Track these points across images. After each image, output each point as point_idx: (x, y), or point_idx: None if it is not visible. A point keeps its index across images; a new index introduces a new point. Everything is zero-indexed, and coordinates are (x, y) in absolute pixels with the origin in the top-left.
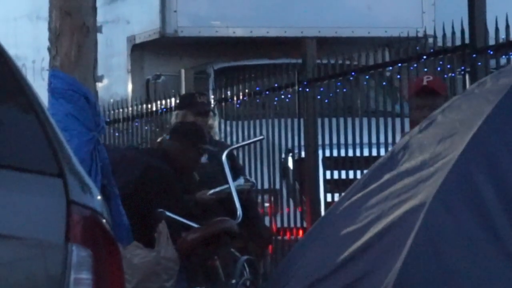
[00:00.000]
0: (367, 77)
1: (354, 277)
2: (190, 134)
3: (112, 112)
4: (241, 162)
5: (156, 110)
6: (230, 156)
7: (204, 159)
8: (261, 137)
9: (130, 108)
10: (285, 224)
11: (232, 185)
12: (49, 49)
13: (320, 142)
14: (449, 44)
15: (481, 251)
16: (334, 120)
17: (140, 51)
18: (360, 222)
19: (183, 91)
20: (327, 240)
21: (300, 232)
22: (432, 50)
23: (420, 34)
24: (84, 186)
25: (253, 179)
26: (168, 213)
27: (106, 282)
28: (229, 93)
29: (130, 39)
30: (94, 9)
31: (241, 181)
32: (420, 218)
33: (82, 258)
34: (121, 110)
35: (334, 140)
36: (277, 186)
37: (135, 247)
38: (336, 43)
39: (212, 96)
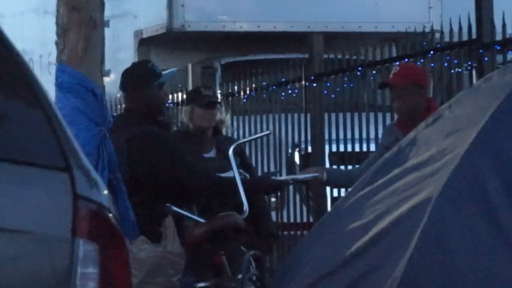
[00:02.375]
0: (374, 72)
1: (360, 272)
2: (137, 76)
3: (119, 106)
4: (248, 157)
5: None
6: (239, 152)
7: (212, 153)
8: (268, 132)
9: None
10: (291, 219)
11: (239, 180)
12: (56, 44)
13: (326, 137)
14: (456, 39)
15: (487, 246)
16: (340, 115)
17: (147, 45)
18: (367, 217)
19: (190, 86)
20: (333, 235)
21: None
22: (439, 45)
23: (427, 29)
24: (90, 180)
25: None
26: (174, 208)
27: (112, 277)
28: (236, 87)
29: (137, 33)
30: (102, 3)
31: (230, 173)
32: (426, 214)
33: (88, 252)
34: None
35: (341, 135)
36: None
37: (142, 242)
38: (343, 38)
39: (219, 91)
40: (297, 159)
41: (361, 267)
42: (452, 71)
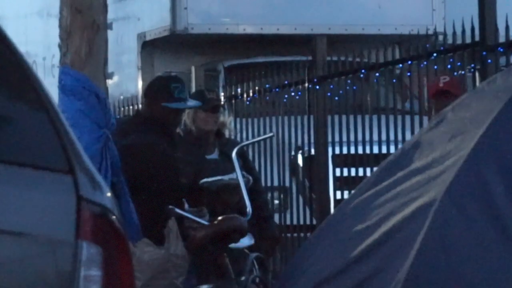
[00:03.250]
0: (377, 74)
1: (364, 275)
2: (156, 90)
3: (122, 109)
4: (250, 159)
5: None
6: (241, 155)
7: (215, 155)
8: (271, 134)
9: (140, 105)
10: (295, 222)
11: (242, 182)
12: (60, 46)
13: (329, 139)
14: (459, 41)
15: (491, 249)
16: (344, 118)
17: (150, 48)
18: (370, 220)
19: (193, 89)
20: (337, 238)
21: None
22: (442, 48)
23: (430, 32)
24: (94, 183)
25: (249, 175)
26: (178, 210)
27: (116, 279)
28: (239, 90)
29: (140, 36)
30: (105, 6)
31: (233, 175)
32: (430, 216)
33: (92, 255)
34: (131, 107)
35: (344, 138)
36: (287, 184)
37: (145, 244)
38: (346, 40)
39: (222, 94)
40: (300, 161)
41: (365, 269)
42: (456, 73)
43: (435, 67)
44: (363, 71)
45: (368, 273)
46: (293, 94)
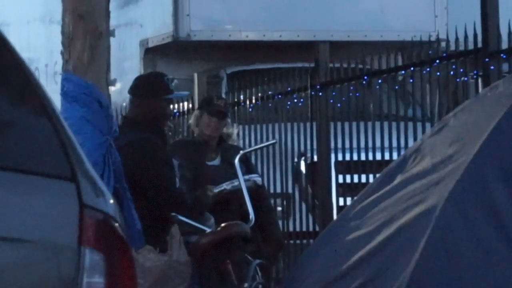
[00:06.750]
0: (379, 81)
1: (366, 280)
2: (149, 85)
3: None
4: (254, 165)
5: None
6: (245, 161)
7: (216, 161)
8: (274, 141)
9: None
10: (298, 228)
11: (245, 189)
12: (62, 53)
13: (332, 146)
14: (461, 48)
15: (493, 253)
16: (346, 124)
17: (153, 54)
18: (372, 224)
19: (196, 95)
20: (340, 243)
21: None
22: (445, 54)
23: (433, 38)
24: (97, 189)
25: (254, 178)
26: (181, 217)
27: (118, 286)
28: (241, 97)
29: (143, 42)
30: (107, 12)
31: (236, 181)
32: (432, 221)
33: (94, 261)
34: None
35: (347, 144)
36: (290, 190)
37: (148, 251)
38: (348, 46)
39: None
40: (303, 168)
41: (367, 274)
42: (458, 79)
43: (438, 73)
44: (365, 77)
45: (370, 278)
46: (295, 100)
